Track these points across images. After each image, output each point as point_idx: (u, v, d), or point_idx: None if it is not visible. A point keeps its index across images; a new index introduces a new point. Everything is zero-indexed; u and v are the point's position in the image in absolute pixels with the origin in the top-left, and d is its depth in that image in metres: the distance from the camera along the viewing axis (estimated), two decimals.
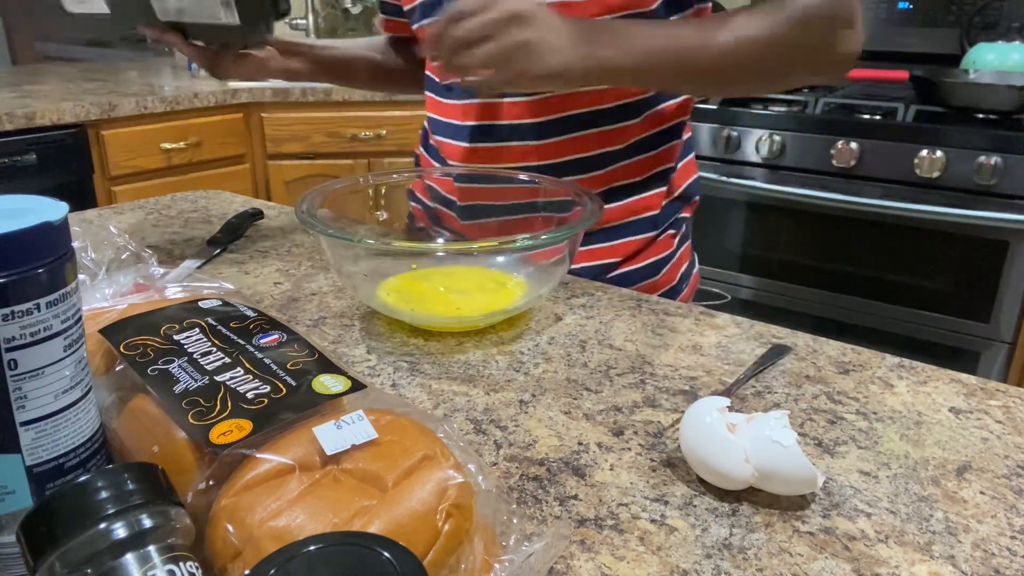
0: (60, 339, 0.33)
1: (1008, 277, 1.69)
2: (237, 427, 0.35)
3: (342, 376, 0.40)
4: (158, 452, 0.36)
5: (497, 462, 0.48)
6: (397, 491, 0.33)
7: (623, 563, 0.40)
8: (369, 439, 0.35)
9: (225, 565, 0.31)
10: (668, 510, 0.44)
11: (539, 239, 0.60)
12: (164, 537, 0.29)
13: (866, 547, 0.41)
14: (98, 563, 0.27)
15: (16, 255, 0.31)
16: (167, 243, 0.88)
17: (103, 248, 0.57)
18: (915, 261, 1.79)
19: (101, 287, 0.51)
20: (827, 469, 0.48)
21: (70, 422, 0.35)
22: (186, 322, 0.44)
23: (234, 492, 0.33)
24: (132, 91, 2.20)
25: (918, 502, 0.45)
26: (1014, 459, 0.50)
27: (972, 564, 0.40)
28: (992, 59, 1.96)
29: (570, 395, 0.56)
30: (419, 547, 0.31)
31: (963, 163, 1.67)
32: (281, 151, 2.37)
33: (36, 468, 0.34)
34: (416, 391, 0.56)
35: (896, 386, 0.58)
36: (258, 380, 0.39)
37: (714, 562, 0.40)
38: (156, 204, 1.05)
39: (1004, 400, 0.57)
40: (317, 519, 0.31)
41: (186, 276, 0.55)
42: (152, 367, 0.39)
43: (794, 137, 1.87)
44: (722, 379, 0.58)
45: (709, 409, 0.45)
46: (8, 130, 1.85)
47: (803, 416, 0.54)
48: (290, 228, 0.94)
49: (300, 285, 0.76)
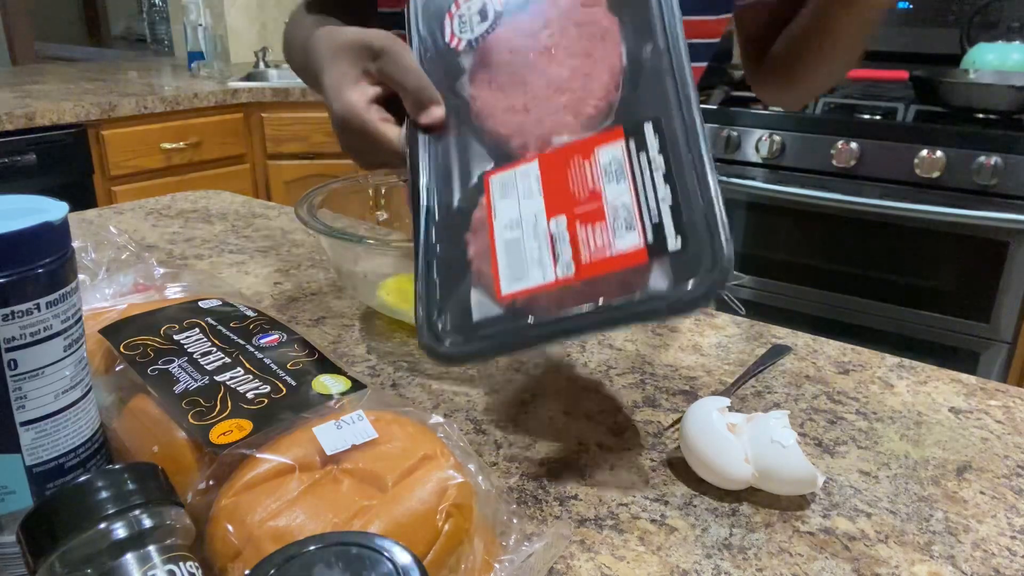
0: (60, 339, 0.33)
1: (1008, 277, 1.69)
2: (237, 427, 0.35)
3: (342, 376, 0.40)
4: (158, 452, 0.36)
5: (497, 462, 0.48)
6: (397, 491, 0.33)
7: (623, 563, 0.40)
8: (369, 439, 0.35)
9: (225, 565, 0.31)
10: (668, 510, 0.44)
11: None
12: (164, 537, 0.29)
13: (866, 547, 0.41)
14: (98, 563, 0.27)
15: (16, 255, 0.31)
16: (167, 243, 0.88)
17: (103, 248, 0.57)
18: (915, 261, 1.79)
19: (101, 287, 0.51)
20: (827, 469, 0.48)
21: (70, 422, 0.35)
22: (186, 322, 0.44)
23: (234, 492, 0.33)
24: (132, 91, 2.20)
25: (918, 502, 0.45)
26: (1014, 459, 0.50)
27: (972, 564, 0.40)
28: (992, 59, 1.96)
29: (570, 395, 0.56)
30: (419, 547, 0.31)
31: (963, 163, 1.67)
32: (281, 151, 2.37)
33: (36, 468, 0.34)
34: (416, 391, 0.56)
35: (896, 386, 0.58)
36: (258, 380, 0.39)
37: (714, 562, 0.40)
38: (156, 204, 1.05)
39: (1004, 400, 0.57)
40: (317, 519, 0.31)
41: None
42: (152, 367, 0.39)
43: (794, 137, 1.87)
44: (722, 379, 0.58)
45: (709, 409, 0.45)
46: (8, 130, 1.85)
47: (803, 416, 0.54)
48: (290, 228, 0.94)
49: (300, 285, 0.76)
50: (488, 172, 0.46)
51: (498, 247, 0.44)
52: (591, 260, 0.41)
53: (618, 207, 0.41)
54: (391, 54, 0.49)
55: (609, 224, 0.41)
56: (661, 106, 0.43)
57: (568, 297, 0.41)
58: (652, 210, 0.40)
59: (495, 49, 0.50)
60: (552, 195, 0.44)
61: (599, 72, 0.46)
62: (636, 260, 0.40)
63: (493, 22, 0.51)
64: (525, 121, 0.47)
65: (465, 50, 0.51)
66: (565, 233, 0.42)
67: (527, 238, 0.43)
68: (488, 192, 0.46)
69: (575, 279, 0.41)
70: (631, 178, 0.42)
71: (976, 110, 1.77)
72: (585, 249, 0.41)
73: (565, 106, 0.46)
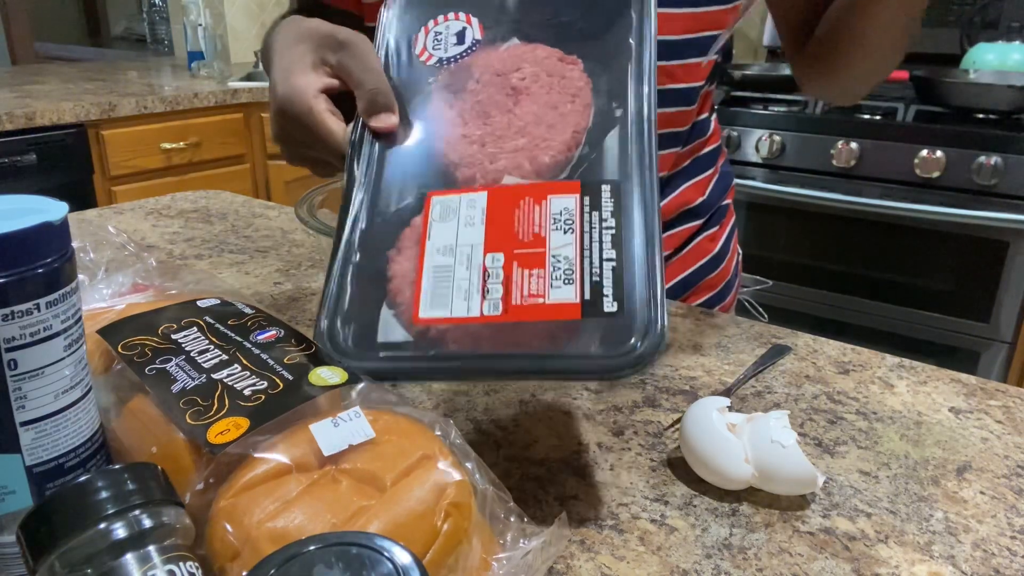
0: (60, 339, 0.33)
1: (1008, 277, 1.69)
2: (234, 425, 0.35)
3: (339, 368, 0.40)
4: (157, 452, 0.36)
5: (497, 462, 0.48)
6: (396, 491, 0.33)
7: (623, 563, 0.40)
8: (367, 439, 0.35)
9: (224, 565, 0.31)
10: (668, 510, 0.44)
11: None
12: (164, 537, 0.29)
13: (866, 547, 0.41)
14: (98, 563, 0.27)
15: (16, 255, 0.31)
16: (167, 243, 0.88)
17: (103, 248, 0.57)
18: (915, 261, 1.79)
19: (100, 287, 0.51)
20: (827, 469, 0.48)
21: (70, 422, 0.35)
22: (184, 321, 0.44)
23: (233, 493, 0.33)
24: (132, 91, 2.20)
25: (918, 502, 0.45)
26: (1014, 459, 0.50)
27: (972, 564, 0.40)
28: (992, 59, 1.96)
29: (570, 395, 0.56)
30: (418, 546, 0.31)
31: (963, 163, 1.67)
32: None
33: (36, 468, 0.34)
34: (416, 391, 0.56)
35: (896, 386, 0.58)
36: (255, 376, 0.39)
37: (714, 562, 0.40)
38: (156, 204, 1.05)
39: (1004, 400, 0.57)
40: (316, 519, 0.31)
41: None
42: (150, 366, 0.39)
43: (794, 137, 1.87)
44: (722, 379, 0.58)
45: (709, 409, 0.45)
46: (8, 130, 1.85)
47: (803, 416, 0.54)
48: (290, 228, 0.94)
49: (300, 285, 0.76)
50: (433, 192, 0.44)
51: (426, 269, 0.41)
52: (522, 304, 0.39)
53: (560, 258, 0.40)
54: (355, 49, 0.47)
55: (548, 272, 0.40)
56: (623, 170, 0.43)
57: (487, 337, 0.39)
58: (594, 268, 0.39)
59: (464, 75, 0.49)
60: (494, 230, 0.42)
61: (563, 127, 0.45)
62: (568, 314, 0.38)
63: (469, 47, 0.50)
64: (478, 153, 0.45)
65: (434, 66, 0.50)
66: (500, 272, 0.40)
67: (459, 267, 0.41)
68: (428, 211, 0.43)
69: (500, 319, 0.39)
70: (579, 232, 0.41)
71: (976, 110, 1.77)
72: (517, 292, 0.39)
73: (521, 149, 0.45)
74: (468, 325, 0.39)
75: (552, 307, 0.38)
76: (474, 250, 0.41)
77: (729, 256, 0.89)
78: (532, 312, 0.39)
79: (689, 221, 0.84)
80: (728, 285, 0.89)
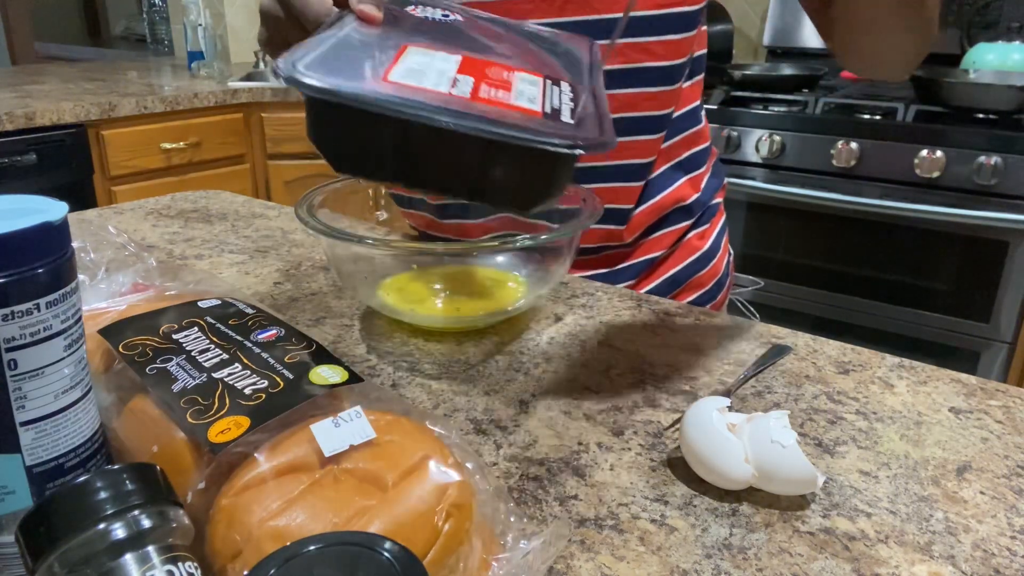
0: (60, 339, 0.33)
1: (1008, 277, 1.69)
2: (235, 424, 0.35)
3: (339, 367, 0.40)
4: (158, 451, 0.36)
5: (497, 462, 0.48)
6: (397, 491, 0.33)
7: (623, 563, 0.40)
8: (367, 439, 0.35)
9: (225, 565, 0.31)
10: (668, 510, 0.44)
11: (539, 239, 0.60)
12: (163, 537, 0.29)
13: (866, 547, 0.41)
14: (97, 563, 0.27)
15: (16, 255, 0.31)
16: (167, 243, 0.88)
17: (103, 248, 0.57)
18: (915, 261, 1.79)
19: (101, 287, 0.51)
20: (827, 469, 0.48)
21: (70, 422, 0.35)
22: (185, 321, 0.44)
23: (234, 492, 0.33)
24: (132, 91, 2.20)
25: (918, 502, 0.45)
26: (1014, 459, 0.50)
27: (972, 564, 0.40)
28: (992, 59, 1.96)
29: (570, 395, 0.56)
30: (419, 547, 0.31)
31: (963, 163, 1.67)
32: (281, 151, 2.37)
33: (36, 468, 0.34)
34: (416, 391, 0.56)
35: (896, 386, 0.58)
36: (256, 375, 0.39)
37: (714, 562, 0.40)
38: (156, 204, 1.05)
39: (1004, 400, 0.57)
40: (317, 519, 0.31)
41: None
42: (150, 366, 0.39)
43: (794, 137, 1.87)
44: (722, 379, 0.58)
45: (709, 409, 0.45)
46: (8, 130, 1.85)
47: (803, 416, 0.54)
48: (290, 228, 0.94)
49: (300, 285, 0.76)
50: (409, 43, 0.46)
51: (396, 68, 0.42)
52: (488, 98, 0.42)
53: (524, 91, 0.44)
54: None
55: (513, 94, 0.44)
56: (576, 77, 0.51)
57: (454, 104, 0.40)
58: (554, 101, 0.44)
59: (443, 28, 0.53)
60: (466, 69, 0.45)
61: (532, 68, 0.50)
62: (531, 114, 0.42)
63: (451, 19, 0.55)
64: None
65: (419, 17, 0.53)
66: (469, 81, 0.43)
67: (429, 72, 0.43)
68: (400, 54, 0.45)
69: (467, 99, 0.41)
70: (542, 87, 0.46)
71: (976, 110, 1.77)
72: (484, 94, 0.42)
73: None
74: (437, 92, 0.41)
75: (515, 107, 0.42)
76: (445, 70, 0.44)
77: (720, 255, 0.89)
78: (497, 104, 0.42)
79: (681, 220, 0.85)
80: (719, 284, 0.89)
